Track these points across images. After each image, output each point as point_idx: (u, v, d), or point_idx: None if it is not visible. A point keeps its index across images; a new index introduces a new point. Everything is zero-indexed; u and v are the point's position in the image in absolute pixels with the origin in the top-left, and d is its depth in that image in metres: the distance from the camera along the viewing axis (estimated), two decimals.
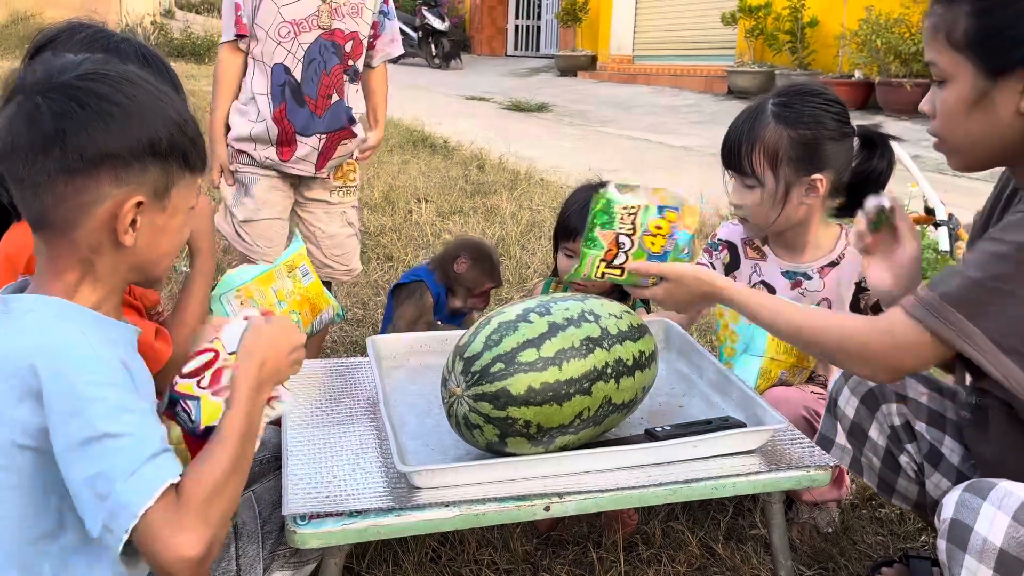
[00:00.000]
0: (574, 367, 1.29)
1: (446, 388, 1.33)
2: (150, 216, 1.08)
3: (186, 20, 15.28)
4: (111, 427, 0.96)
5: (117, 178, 1.04)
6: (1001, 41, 1.15)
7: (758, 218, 1.87)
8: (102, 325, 1.07)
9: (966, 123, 1.22)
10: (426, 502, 1.25)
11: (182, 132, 1.10)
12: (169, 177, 1.09)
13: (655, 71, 12.07)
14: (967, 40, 1.17)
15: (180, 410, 1.20)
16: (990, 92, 1.18)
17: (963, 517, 1.10)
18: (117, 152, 1.03)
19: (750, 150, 1.82)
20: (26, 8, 11.65)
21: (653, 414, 1.56)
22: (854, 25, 8.29)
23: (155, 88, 1.11)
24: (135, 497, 0.94)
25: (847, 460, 1.60)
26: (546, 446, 1.31)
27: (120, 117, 1.04)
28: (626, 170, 5.89)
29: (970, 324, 1.15)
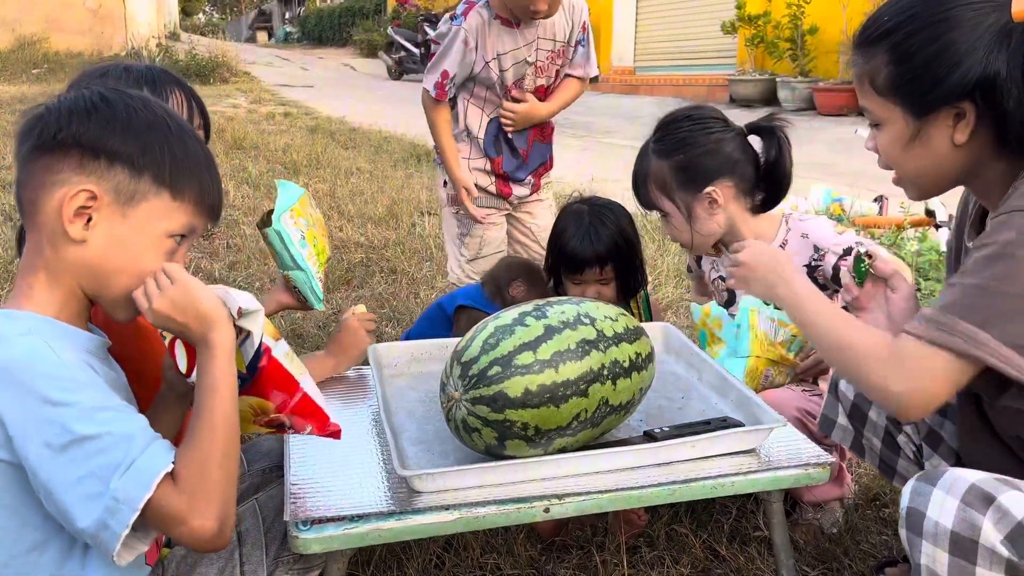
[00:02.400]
0: (570, 369, 1.30)
1: (444, 392, 1.35)
2: (108, 218, 1.10)
3: (191, 42, 15.43)
4: (88, 429, 0.98)
5: (82, 166, 1.09)
6: (920, 85, 1.19)
7: (683, 241, 1.99)
8: (67, 335, 1.10)
9: (908, 160, 1.28)
10: (426, 506, 1.27)
11: (174, 157, 1.13)
12: (138, 186, 1.11)
13: (657, 81, 12.11)
14: (890, 86, 1.23)
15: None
16: (923, 129, 1.23)
17: (917, 504, 1.13)
18: (85, 140, 1.09)
19: (645, 188, 1.96)
20: (32, 33, 11.78)
21: (652, 416, 1.57)
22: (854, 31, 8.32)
23: (165, 115, 1.16)
24: (133, 491, 0.97)
25: (848, 440, 1.61)
26: (544, 448, 1.33)
27: (106, 115, 1.10)
28: (628, 179, 5.91)
29: (981, 332, 1.12)
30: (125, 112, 1.12)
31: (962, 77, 1.15)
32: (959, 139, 1.20)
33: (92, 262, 1.11)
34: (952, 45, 1.15)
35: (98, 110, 1.11)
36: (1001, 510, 1.06)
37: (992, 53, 1.12)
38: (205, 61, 12.06)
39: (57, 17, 12.04)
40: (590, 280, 2.08)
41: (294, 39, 31.15)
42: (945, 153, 1.23)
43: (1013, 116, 1.14)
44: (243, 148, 6.68)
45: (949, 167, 1.25)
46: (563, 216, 2.16)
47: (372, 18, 23.31)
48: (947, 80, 1.16)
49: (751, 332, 1.79)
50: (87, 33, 12.21)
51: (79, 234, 1.09)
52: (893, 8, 1.22)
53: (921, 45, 1.17)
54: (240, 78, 12.53)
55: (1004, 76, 1.12)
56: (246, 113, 9.05)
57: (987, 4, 1.14)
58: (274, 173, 5.80)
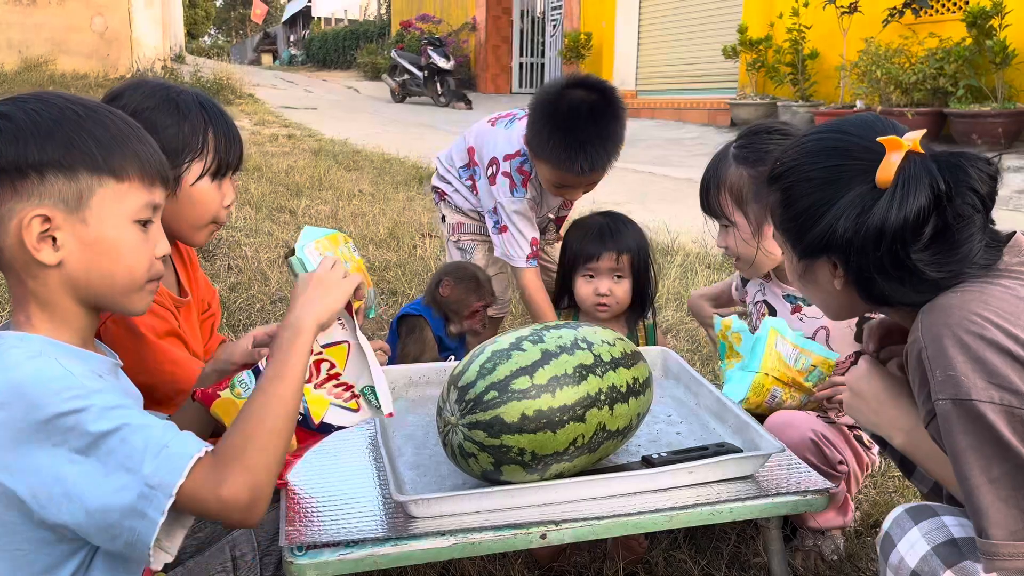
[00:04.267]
0: (567, 394, 1.30)
1: (441, 417, 1.34)
2: (71, 230, 1.07)
3: (196, 64, 15.55)
4: (105, 425, 0.98)
5: (16, 191, 1.04)
6: (796, 232, 1.23)
7: (744, 255, 1.92)
8: (78, 356, 1.09)
9: (805, 289, 1.32)
10: (423, 531, 1.26)
11: (95, 140, 1.08)
12: (79, 185, 1.07)
13: (659, 105, 12.18)
14: (780, 225, 1.28)
15: None
16: (810, 268, 1.26)
17: (893, 534, 1.18)
18: (7, 163, 1.04)
19: (717, 194, 1.90)
20: (39, 55, 11.87)
21: (650, 441, 1.56)
22: (854, 56, 8.37)
23: (71, 107, 1.10)
24: (167, 476, 0.98)
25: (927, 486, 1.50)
26: (541, 474, 1.32)
27: (11, 130, 1.05)
28: (630, 203, 5.93)
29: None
30: (27, 118, 1.06)
31: (820, 234, 1.18)
32: (837, 284, 1.23)
33: (79, 277, 1.09)
34: (821, 201, 1.18)
35: (2, 131, 1.05)
36: (966, 571, 1.08)
37: (845, 215, 1.15)
38: (210, 83, 12.11)
39: (63, 39, 12.13)
40: (605, 269, 2.08)
41: (299, 61, 31.39)
42: (832, 292, 1.26)
43: (856, 278, 1.18)
44: (246, 170, 6.69)
45: (843, 304, 1.28)
46: (575, 225, 2.20)
47: (376, 41, 23.49)
48: (810, 233, 1.20)
49: (766, 349, 1.78)
50: (93, 55, 12.29)
51: (52, 258, 1.06)
52: (787, 152, 1.26)
53: (799, 196, 1.21)
54: (244, 100, 12.60)
55: (848, 240, 1.15)
56: (250, 135, 9.08)
57: (861, 166, 1.15)
58: (277, 195, 5.81)
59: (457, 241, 2.73)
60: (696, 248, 4.41)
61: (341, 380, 1.28)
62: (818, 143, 1.22)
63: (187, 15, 34.24)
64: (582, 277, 2.13)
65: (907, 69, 7.73)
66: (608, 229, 2.08)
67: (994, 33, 7.13)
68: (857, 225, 1.13)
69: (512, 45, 17.50)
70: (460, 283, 2.22)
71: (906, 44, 7.98)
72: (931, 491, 1.56)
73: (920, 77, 7.56)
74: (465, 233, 2.70)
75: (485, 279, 2.30)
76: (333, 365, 1.29)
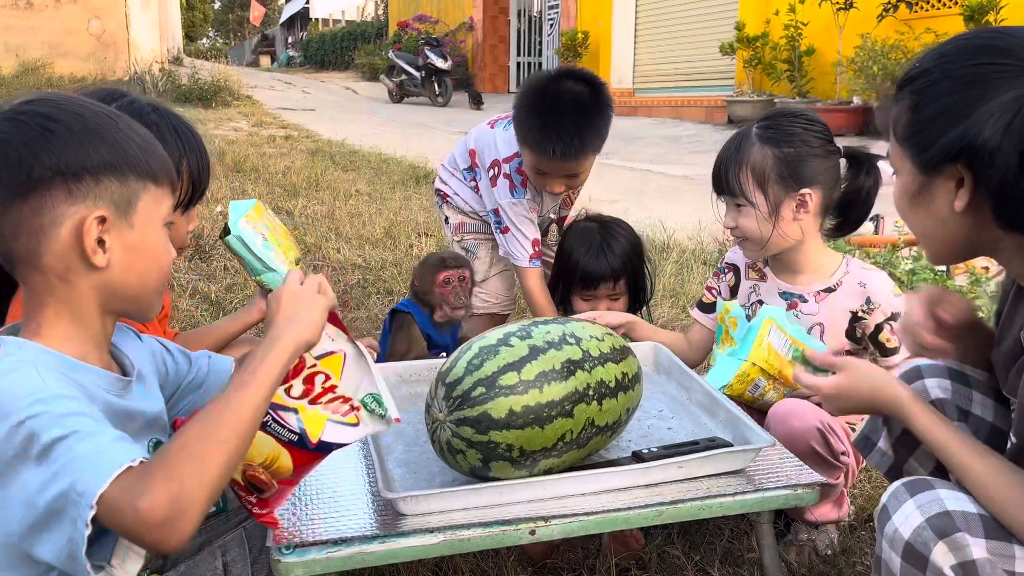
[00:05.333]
0: (555, 389, 1.29)
1: (429, 414, 1.34)
2: (119, 234, 1.07)
3: (194, 66, 15.54)
4: (57, 432, 0.92)
5: (70, 194, 1.03)
6: (924, 138, 1.13)
7: (753, 237, 1.90)
8: (74, 369, 1.05)
9: (914, 217, 1.21)
10: (411, 528, 1.25)
11: (135, 145, 1.09)
12: (129, 189, 1.07)
13: (656, 103, 12.17)
14: (904, 134, 1.17)
15: (271, 420, 1.16)
16: (928, 187, 1.15)
17: (890, 506, 1.17)
18: (64, 167, 1.02)
19: (737, 172, 1.89)
20: (36, 59, 11.88)
21: (641, 436, 1.56)
22: (850, 52, 8.37)
23: (105, 111, 1.10)
24: (92, 484, 0.90)
25: (885, 466, 1.50)
26: (530, 470, 1.32)
27: (62, 133, 1.03)
28: (627, 200, 5.93)
29: None
30: (74, 121, 1.05)
31: (957, 139, 1.07)
32: (958, 206, 1.11)
33: (115, 281, 1.08)
34: (963, 102, 1.07)
35: (53, 132, 1.03)
36: (957, 543, 1.08)
37: (993, 120, 1.04)
38: (207, 85, 12.11)
39: (60, 43, 12.14)
40: (602, 296, 2.08)
41: (297, 63, 31.37)
42: (947, 217, 1.14)
43: (997, 192, 1.06)
44: (243, 171, 6.70)
45: (955, 233, 1.16)
46: (571, 233, 2.18)
47: (374, 42, 23.48)
48: (944, 137, 1.09)
49: (757, 338, 1.78)
50: (91, 58, 12.30)
51: (103, 261, 1.06)
52: (929, 54, 1.16)
53: (935, 97, 1.11)
54: (242, 102, 12.59)
55: (992, 147, 1.04)
56: (247, 136, 9.09)
57: (1018, 68, 1.06)
58: (273, 196, 5.81)
59: (461, 241, 2.73)
60: (692, 245, 4.40)
61: (338, 393, 1.21)
62: (969, 42, 1.12)
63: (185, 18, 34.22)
64: (580, 297, 2.11)
65: (904, 64, 7.71)
66: (603, 249, 2.04)
67: None
68: (1012, 129, 1.02)
69: (509, 45, 17.50)
70: (425, 266, 2.21)
71: (902, 39, 7.97)
72: None
73: None
74: (468, 232, 2.71)
75: (449, 254, 2.29)
76: (328, 377, 1.21)
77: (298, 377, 1.19)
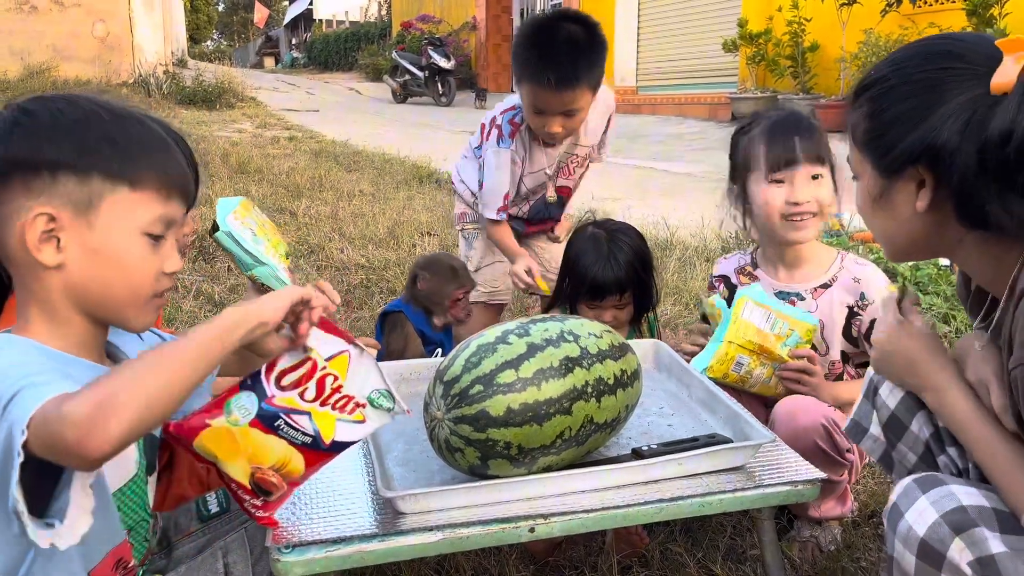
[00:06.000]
0: (553, 387, 1.29)
1: (428, 412, 1.34)
2: (76, 233, 1.05)
3: (198, 68, 15.58)
4: (14, 387, 0.92)
5: (27, 187, 1.03)
6: (884, 142, 1.16)
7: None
8: (63, 362, 1.05)
9: (875, 219, 1.24)
10: (410, 527, 1.25)
11: (118, 146, 1.07)
12: (90, 189, 1.05)
13: (660, 100, 12.16)
14: (864, 139, 1.20)
15: (283, 424, 1.15)
16: (889, 190, 1.18)
17: (901, 503, 1.15)
18: (21, 159, 1.03)
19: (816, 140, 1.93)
20: (41, 62, 11.90)
21: (641, 434, 1.56)
22: (854, 48, 8.35)
23: (96, 107, 1.08)
24: (26, 412, 0.88)
25: (878, 452, 1.49)
26: (529, 467, 1.32)
27: (28, 126, 1.04)
28: (630, 198, 5.92)
29: None
30: (49, 116, 1.05)
31: (915, 141, 1.11)
32: (919, 206, 1.15)
33: (78, 282, 1.07)
34: (920, 107, 1.11)
35: (20, 124, 1.05)
36: (974, 538, 1.06)
37: (950, 121, 1.08)
38: (211, 87, 12.14)
39: (65, 46, 12.16)
40: (608, 306, 2.07)
41: (300, 64, 31.43)
42: (909, 218, 1.18)
43: (958, 191, 1.09)
44: (247, 172, 6.72)
45: (917, 234, 1.20)
46: (578, 240, 2.14)
47: (377, 42, 23.52)
48: (904, 141, 1.12)
49: (732, 317, 1.79)
50: (95, 61, 12.32)
51: (53, 259, 1.04)
52: (884, 62, 1.20)
53: (893, 101, 1.15)
54: (246, 103, 12.63)
55: (952, 148, 1.07)
56: (251, 138, 9.11)
57: (971, 71, 1.09)
58: (277, 196, 5.82)
59: (462, 230, 2.77)
60: (695, 242, 4.39)
61: (343, 393, 1.20)
62: (923, 48, 1.15)
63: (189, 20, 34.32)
64: (586, 306, 2.10)
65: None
66: (610, 260, 2.03)
67: (994, 21, 7.09)
68: (969, 130, 1.05)
69: (512, 43, 17.50)
70: (436, 275, 2.23)
71: (906, 34, 7.94)
72: None
73: None
74: (468, 222, 2.74)
75: (460, 267, 2.32)
76: (336, 378, 1.20)
77: (311, 380, 1.18)
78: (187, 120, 10.01)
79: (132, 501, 1.20)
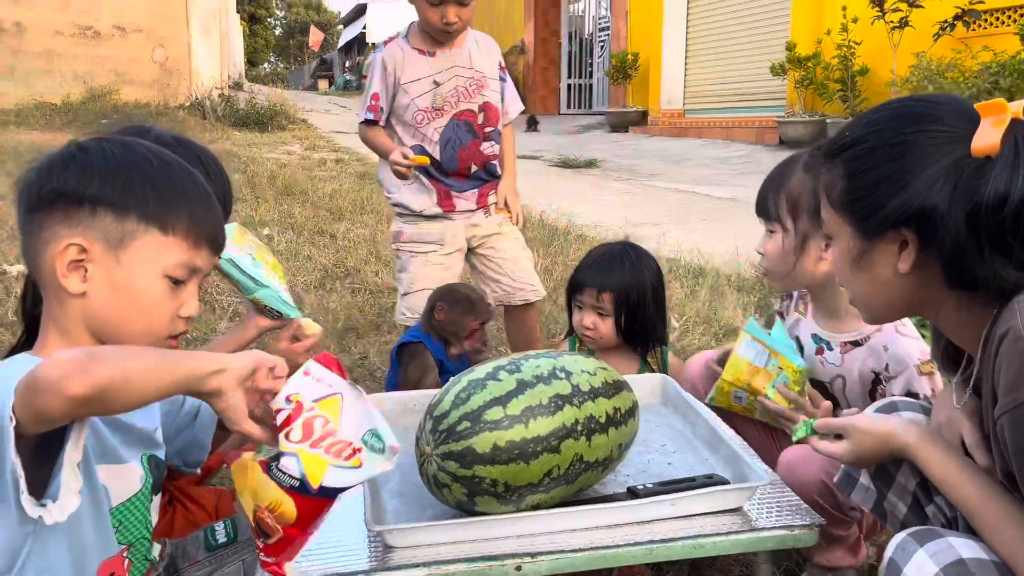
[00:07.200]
0: (541, 425, 1.29)
1: (418, 447, 1.35)
2: (103, 266, 1.11)
3: (252, 91, 15.99)
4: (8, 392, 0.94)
5: (68, 217, 1.10)
6: (865, 205, 1.16)
7: (775, 266, 1.84)
8: None
9: (854, 280, 1.24)
10: (398, 563, 1.26)
11: (157, 191, 1.13)
12: (125, 227, 1.11)
13: (706, 123, 12.08)
14: (842, 201, 1.20)
15: (275, 467, 1.13)
16: (869, 251, 1.18)
17: (898, 558, 1.12)
18: (67, 190, 1.10)
19: (775, 195, 1.83)
20: (103, 85, 12.36)
21: (640, 471, 1.54)
22: (905, 72, 8.19)
23: (147, 153, 1.15)
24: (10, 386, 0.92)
25: (870, 501, 1.48)
26: (516, 505, 1.31)
27: (81, 161, 1.11)
28: (667, 223, 5.88)
29: None
30: (102, 156, 1.13)
31: (902, 204, 1.10)
32: (902, 268, 1.14)
33: (97, 312, 1.12)
34: (902, 170, 1.11)
35: (75, 159, 1.12)
36: None
37: (937, 185, 1.07)
38: (264, 110, 12.45)
39: (126, 70, 12.61)
40: (588, 304, 2.08)
41: (353, 87, 32.00)
42: (889, 279, 1.17)
43: (949, 254, 1.08)
44: (292, 194, 6.85)
45: (897, 295, 1.19)
46: (594, 248, 2.19)
47: None
48: (888, 204, 1.12)
49: (732, 354, 1.77)
50: (154, 85, 12.75)
51: (77, 287, 1.11)
52: (859, 122, 1.20)
53: (873, 165, 1.14)
54: (297, 125, 12.90)
55: (942, 212, 1.07)
56: (299, 159, 9.30)
57: (949, 134, 1.09)
58: (319, 219, 5.92)
59: (398, 251, 2.70)
60: (728, 270, 4.34)
61: (338, 437, 1.15)
62: (899, 110, 1.16)
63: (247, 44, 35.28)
64: (575, 305, 2.12)
65: (960, 84, 7.51)
66: (605, 261, 2.06)
67: None
68: (957, 193, 1.06)
69: (560, 66, 17.58)
70: (454, 306, 2.24)
71: (959, 58, 7.77)
72: None
73: (974, 92, 7.34)
74: (404, 242, 2.66)
75: (478, 298, 2.32)
76: (328, 421, 1.16)
77: (296, 421, 1.14)
78: (239, 141, 10.27)
79: (134, 517, 1.23)
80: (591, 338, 2.12)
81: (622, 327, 2.07)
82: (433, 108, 2.57)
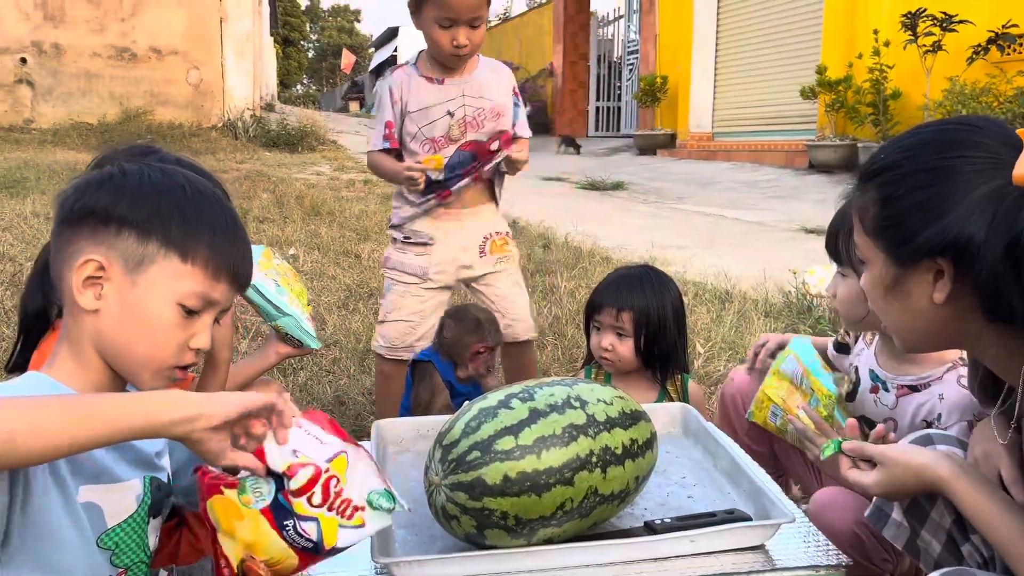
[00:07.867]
0: (554, 456, 1.24)
1: (427, 476, 1.31)
2: (118, 286, 1.11)
3: (283, 112, 16.19)
4: None
5: (94, 234, 1.11)
6: (900, 231, 1.11)
7: (850, 313, 1.76)
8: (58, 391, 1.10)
9: (888, 309, 1.19)
10: None
11: (181, 218, 1.13)
12: (145, 250, 1.11)
13: (735, 147, 12.00)
14: (875, 227, 1.15)
15: (291, 527, 1.11)
16: (903, 279, 1.13)
17: None
18: (97, 208, 1.11)
19: (847, 237, 1.68)
20: (138, 106, 12.59)
21: (659, 505, 1.49)
22: (938, 96, 8.08)
23: (183, 181, 1.16)
24: None
25: (902, 539, 1.42)
26: (528, 539, 1.27)
27: (118, 183, 1.13)
28: (696, 246, 5.82)
29: None
30: (137, 179, 1.15)
31: (938, 233, 1.06)
32: (937, 298, 1.10)
33: (107, 331, 1.12)
34: (939, 197, 1.06)
35: (112, 179, 1.15)
36: None
37: (975, 215, 1.03)
38: (294, 131, 12.59)
39: (161, 92, 12.84)
40: (606, 324, 2.03)
41: None
42: (924, 309, 1.13)
43: (986, 286, 1.03)
44: (320, 215, 6.89)
45: (932, 325, 1.14)
46: (614, 271, 2.17)
47: None
48: (924, 232, 1.08)
49: (773, 367, 1.72)
50: (188, 106, 12.96)
51: (90, 304, 1.11)
52: (893, 146, 1.16)
53: (909, 190, 1.10)
54: (327, 147, 13.02)
55: (979, 242, 1.02)
56: (328, 180, 9.36)
57: (988, 161, 1.05)
58: (345, 239, 5.94)
59: (384, 276, 2.68)
60: (755, 295, 4.27)
61: (344, 497, 1.14)
62: (937, 134, 1.12)
63: (280, 66, 35.83)
64: (593, 326, 2.08)
65: (995, 108, 7.40)
66: (624, 282, 2.03)
67: None
68: (996, 223, 1.01)
69: (588, 90, 17.61)
70: (460, 324, 2.19)
71: (993, 83, 7.66)
72: None
73: (1009, 116, 7.22)
74: (389, 268, 2.63)
75: (487, 320, 2.25)
76: (339, 480, 1.14)
77: (317, 485, 1.12)
78: (269, 162, 10.37)
79: (130, 539, 1.20)
80: (609, 360, 2.06)
81: (641, 349, 2.02)
82: (449, 138, 2.53)
